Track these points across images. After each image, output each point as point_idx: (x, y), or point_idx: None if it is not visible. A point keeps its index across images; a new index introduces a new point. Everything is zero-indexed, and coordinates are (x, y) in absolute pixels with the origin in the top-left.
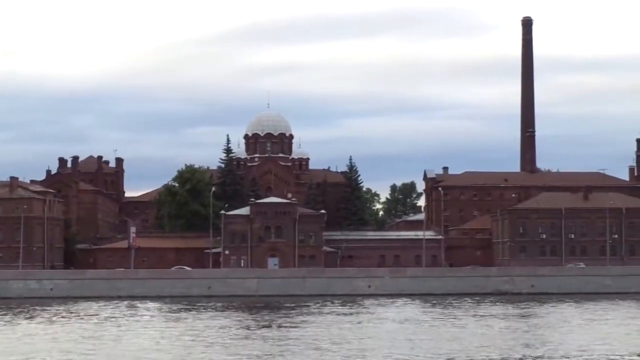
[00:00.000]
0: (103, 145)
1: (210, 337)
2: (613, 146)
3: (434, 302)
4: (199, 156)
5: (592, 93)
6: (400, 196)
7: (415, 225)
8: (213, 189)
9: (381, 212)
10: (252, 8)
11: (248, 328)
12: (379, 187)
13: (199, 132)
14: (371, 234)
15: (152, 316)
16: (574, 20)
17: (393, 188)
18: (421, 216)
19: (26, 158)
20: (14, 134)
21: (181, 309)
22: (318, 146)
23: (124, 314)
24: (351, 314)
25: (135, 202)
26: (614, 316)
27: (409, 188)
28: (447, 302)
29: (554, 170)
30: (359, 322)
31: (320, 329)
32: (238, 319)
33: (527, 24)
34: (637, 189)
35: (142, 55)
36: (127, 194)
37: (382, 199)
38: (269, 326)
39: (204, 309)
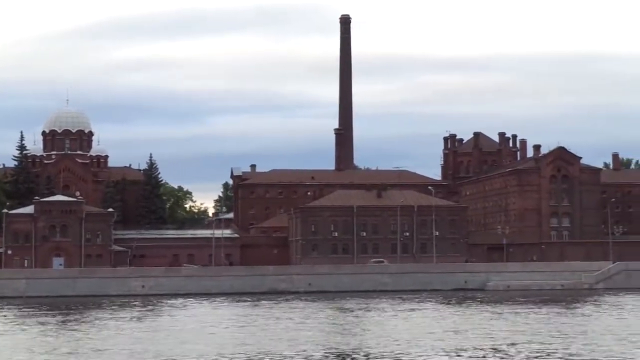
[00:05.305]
0: None
1: None
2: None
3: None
4: None
5: (433, 92)
6: (232, 194)
7: (227, 223)
8: None
9: (211, 210)
10: (114, 2)
11: None
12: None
13: None
14: (169, 233)
15: None
16: (421, 20)
17: (225, 186)
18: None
19: None
20: None
21: None
22: (180, 143)
23: None
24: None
25: None
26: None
27: None
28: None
29: (373, 168)
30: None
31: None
32: None
33: (345, 22)
34: (442, 186)
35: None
36: None
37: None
38: None
39: None
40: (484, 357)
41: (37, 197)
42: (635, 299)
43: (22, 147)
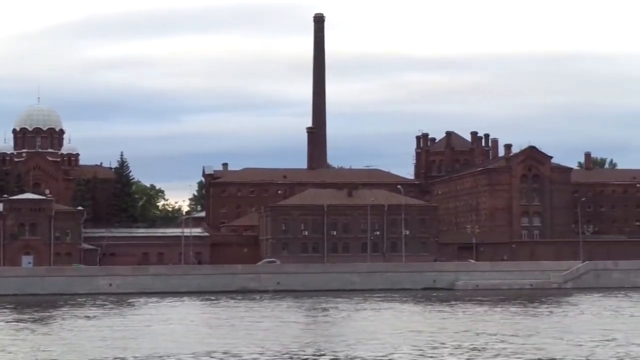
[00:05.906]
0: None
1: None
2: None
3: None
4: None
5: (408, 92)
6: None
7: (199, 221)
8: None
9: (185, 209)
10: (89, 1)
11: None
12: None
13: None
14: (139, 232)
15: None
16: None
17: (200, 185)
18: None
19: None
20: None
21: None
22: (155, 142)
23: None
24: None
25: None
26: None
27: None
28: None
29: (347, 167)
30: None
31: None
32: None
33: (318, 20)
34: (415, 185)
35: None
36: None
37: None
38: None
39: None
40: (419, 355)
41: (5, 195)
42: (597, 298)
43: None
